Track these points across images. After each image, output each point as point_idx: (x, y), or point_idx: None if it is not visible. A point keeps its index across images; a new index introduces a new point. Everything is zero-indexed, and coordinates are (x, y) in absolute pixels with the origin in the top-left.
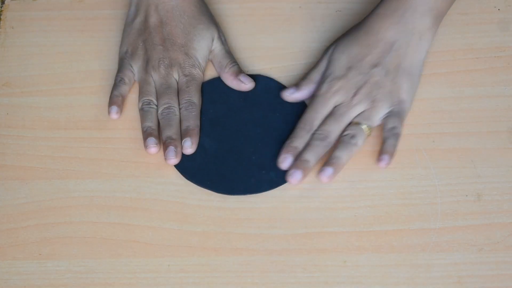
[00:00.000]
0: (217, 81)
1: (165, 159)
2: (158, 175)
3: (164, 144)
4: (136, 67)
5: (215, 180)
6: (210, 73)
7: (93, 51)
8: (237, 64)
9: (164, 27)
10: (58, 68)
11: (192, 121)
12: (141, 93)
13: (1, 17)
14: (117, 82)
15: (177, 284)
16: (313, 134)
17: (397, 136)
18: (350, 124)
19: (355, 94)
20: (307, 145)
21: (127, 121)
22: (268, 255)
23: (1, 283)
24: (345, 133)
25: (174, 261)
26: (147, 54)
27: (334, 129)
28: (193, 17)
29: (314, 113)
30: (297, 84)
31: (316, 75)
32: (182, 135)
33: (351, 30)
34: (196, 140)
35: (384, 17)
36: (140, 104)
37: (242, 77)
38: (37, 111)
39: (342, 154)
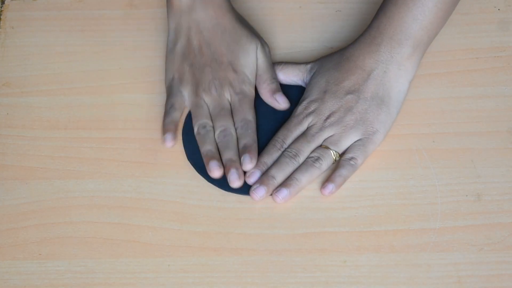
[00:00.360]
0: None
1: (229, 182)
2: (158, 175)
3: (226, 167)
4: (186, 92)
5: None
6: None
7: (93, 51)
8: (277, 81)
9: (208, 47)
10: (58, 68)
11: (249, 137)
12: (195, 117)
13: (1, 17)
14: (168, 109)
15: (177, 284)
16: (283, 152)
17: (352, 167)
18: (318, 147)
19: (328, 117)
20: (275, 162)
21: (127, 121)
22: (268, 255)
23: (1, 283)
24: (311, 155)
25: (174, 261)
26: (195, 77)
27: (304, 149)
28: (235, 32)
29: (286, 131)
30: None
31: (290, 70)
32: (240, 152)
33: (335, 54)
34: (255, 155)
35: (365, 45)
36: (196, 129)
37: (278, 97)
38: (37, 111)
39: (301, 177)
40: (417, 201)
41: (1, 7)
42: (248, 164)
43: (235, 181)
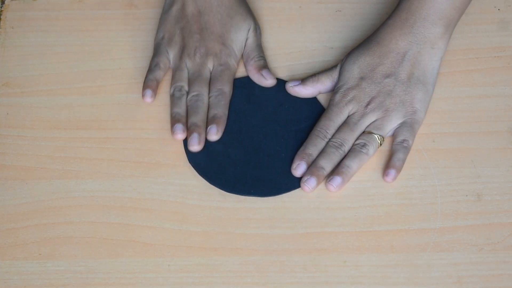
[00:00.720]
0: (246, 80)
1: (188, 145)
2: (158, 175)
3: (189, 130)
4: (172, 53)
5: (230, 181)
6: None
7: (93, 51)
8: (264, 59)
9: (202, 16)
10: (58, 68)
11: (220, 109)
12: (174, 79)
13: (1, 17)
14: (152, 67)
15: (177, 284)
16: (328, 142)
17: (406, 149)
18: (362, 133)
19: (368, 103)
20: (321, 152)
21: (127, 121)
22: (268, 255)
23: (1, 283)
24: (357, 142)
25: (174, 261)
26: (183, 41)
27: (348, 137)
28: (231, 8)
29: (328, 121)
30: (303, 80)
31: (324, 78)
32: (209, 122)
33: (363, 42)
34: (222, 128)
35: (395, 27)
36: (172, 90)
37: (265, 72)
38: (37, 111)
39: (352, 163)
40: (417, 201)
41: (1, 7)
42: (213, 135)
43: (194, 145)
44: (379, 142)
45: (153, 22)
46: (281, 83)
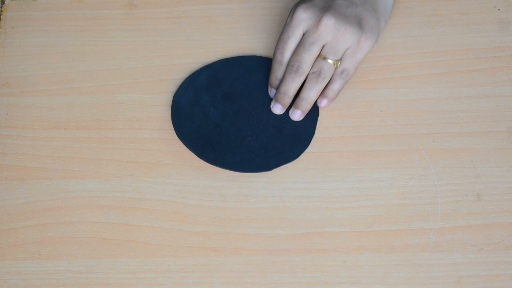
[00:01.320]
0: (245, 59)
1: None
2: (158, 175)
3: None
4: None
5: (203, 147)
6: (242, 51)
7: (93, 51)
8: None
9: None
10: (58, 68)
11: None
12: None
13: (1, 17)
14: None
15: (177, 284)
16: (287, 67)
17: (344, 80)
18: (318, 58)
19: (320, 20)
20: (282, 79)
21: (127, 121)
22: (268, 255)
23: (1, 283)
24: (312, 70)
25: (174, 261)
26: None
27: (306, 59)
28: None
29: (282, 44)
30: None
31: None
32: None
33: None
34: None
35: None
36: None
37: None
38: (37, 111)
39: (309, 95)
40: (417, 201)
41: (1, 7)
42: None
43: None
44: (334, 66)
45: (153, 22)
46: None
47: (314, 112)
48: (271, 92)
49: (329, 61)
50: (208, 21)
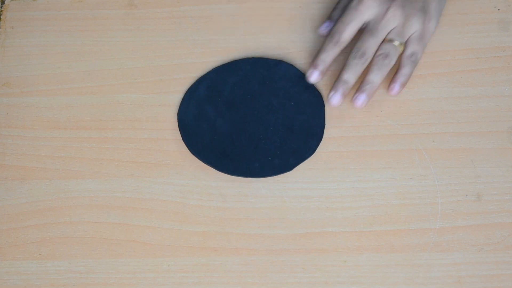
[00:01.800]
0: (239, 63)
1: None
2: (158, 175)
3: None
4: None
5: (220, 160)
6: (235, 55)
7: (93, 51)
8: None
9: None
10: (58, 68)
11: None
12: None
13: (1, 17)
14: None
15: (177, 284)
16: (350, 52)
17: (414, 63)
18: (384, 41)
19: (388, 8)
20: (345, 65)
21: (127, 121)
22: (268, 255)
23: (1, 283)
24: (378, 53)
25: (174, 261)
26: None
27: (371, 45)
28: None
29: (343, 25)
30: (330, 17)
31: (338, 12)
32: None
33: None
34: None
35: None
36: None
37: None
38: (37, 111)
39: (375, 78)
40: (417, 201)
41: (1, 7)
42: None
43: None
44: (400, 50)
45: (153, 22)
46: (282, 65)
47: (319, 103)
48: (312, 74)
49: (395, 43)
50: (208, 21)
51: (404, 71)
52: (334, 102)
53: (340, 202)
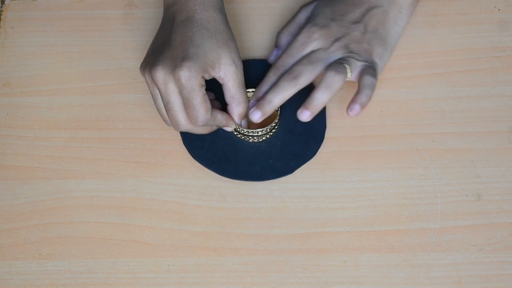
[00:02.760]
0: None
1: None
2: (158, 175)
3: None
4: None
5: (221, 164)
6: None
7: (93, 51)
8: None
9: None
10: (58, 68)
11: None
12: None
13: (1, 17)
14: None
15: (177, 284)
16: (283, 74)
17: (373, 87)
18: (332, 62)
19: (334, 42)
20: (274, 85)
21: (127, 121)
22: (268, 255)
23: (1, 283)
24: (336, 62)
25: (174, 261)
26: None
27: (307, 71)
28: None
29: (287, 58)
30: (276, 44)
31: (293, 27)
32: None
33: None
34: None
35: None
36: None
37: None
38: (37, 111)
39: (322, 96)
40: (417, 201)
41: (1, 7)
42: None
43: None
44: (349, 73)
45: (153, 22)
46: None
47: None
48: (252, 104)
49: (345, 65)
50: None
51: (366, 92)
52: (253, 119)
53: (340, 202)
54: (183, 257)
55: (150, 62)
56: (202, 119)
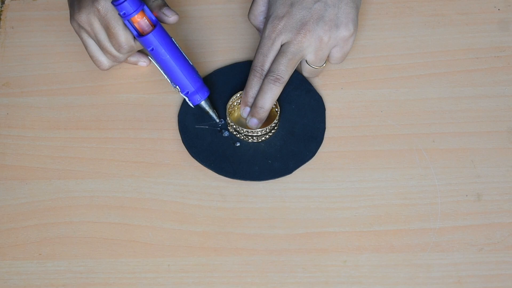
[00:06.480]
0: (240, 66)
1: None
2: (158, 175)
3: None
4: None
5: (220, 163)
6: (232, 58)
7: None
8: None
9: None
10: (58, 68)
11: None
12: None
13: (1, 17)
14: None
15: (177, 284)
16: (265, 77)
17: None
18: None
19: (300, 30)
20: (260, 90)
21: (127, 121)
22: (268, 255)
23: (1, 283)
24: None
25: (174, 261)
26: None
27: (285, 68)
28: None
29: (262, 57)
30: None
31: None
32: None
33: None
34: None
35: None
36: None
37: (165, 10)
38: (37, 111)
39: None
40: (417, 201)
41: (1, 7)
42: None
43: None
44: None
45: None
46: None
47: (320, 107)
48: (244, 111)
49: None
50: (208, 21)
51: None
52: (252, 126)
53: (340, 202)
54: (183, 257)
55: (73, 12)
56: (126, 45)
